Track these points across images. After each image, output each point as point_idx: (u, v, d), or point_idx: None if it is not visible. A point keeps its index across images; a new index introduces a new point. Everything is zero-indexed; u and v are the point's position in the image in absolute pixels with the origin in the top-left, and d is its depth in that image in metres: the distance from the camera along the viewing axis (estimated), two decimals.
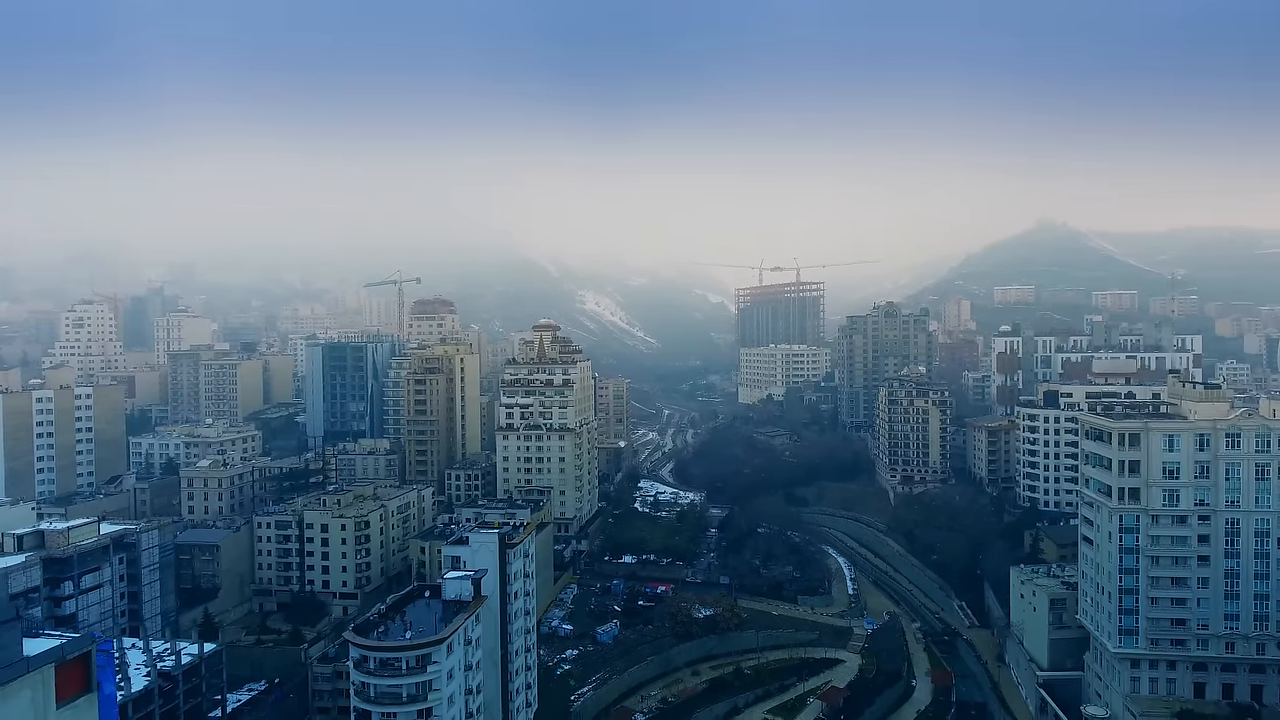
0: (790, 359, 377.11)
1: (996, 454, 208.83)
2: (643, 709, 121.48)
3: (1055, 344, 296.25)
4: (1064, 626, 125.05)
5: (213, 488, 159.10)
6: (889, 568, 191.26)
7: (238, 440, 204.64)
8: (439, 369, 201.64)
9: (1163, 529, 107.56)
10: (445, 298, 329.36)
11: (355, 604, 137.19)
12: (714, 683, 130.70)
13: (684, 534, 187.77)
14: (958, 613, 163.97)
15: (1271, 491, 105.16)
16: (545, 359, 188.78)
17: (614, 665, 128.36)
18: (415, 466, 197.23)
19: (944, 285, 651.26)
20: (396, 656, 75.07)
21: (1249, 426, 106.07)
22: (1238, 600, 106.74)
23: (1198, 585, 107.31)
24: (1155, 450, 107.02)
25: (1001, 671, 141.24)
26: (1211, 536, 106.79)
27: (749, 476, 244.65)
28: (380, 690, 75.23)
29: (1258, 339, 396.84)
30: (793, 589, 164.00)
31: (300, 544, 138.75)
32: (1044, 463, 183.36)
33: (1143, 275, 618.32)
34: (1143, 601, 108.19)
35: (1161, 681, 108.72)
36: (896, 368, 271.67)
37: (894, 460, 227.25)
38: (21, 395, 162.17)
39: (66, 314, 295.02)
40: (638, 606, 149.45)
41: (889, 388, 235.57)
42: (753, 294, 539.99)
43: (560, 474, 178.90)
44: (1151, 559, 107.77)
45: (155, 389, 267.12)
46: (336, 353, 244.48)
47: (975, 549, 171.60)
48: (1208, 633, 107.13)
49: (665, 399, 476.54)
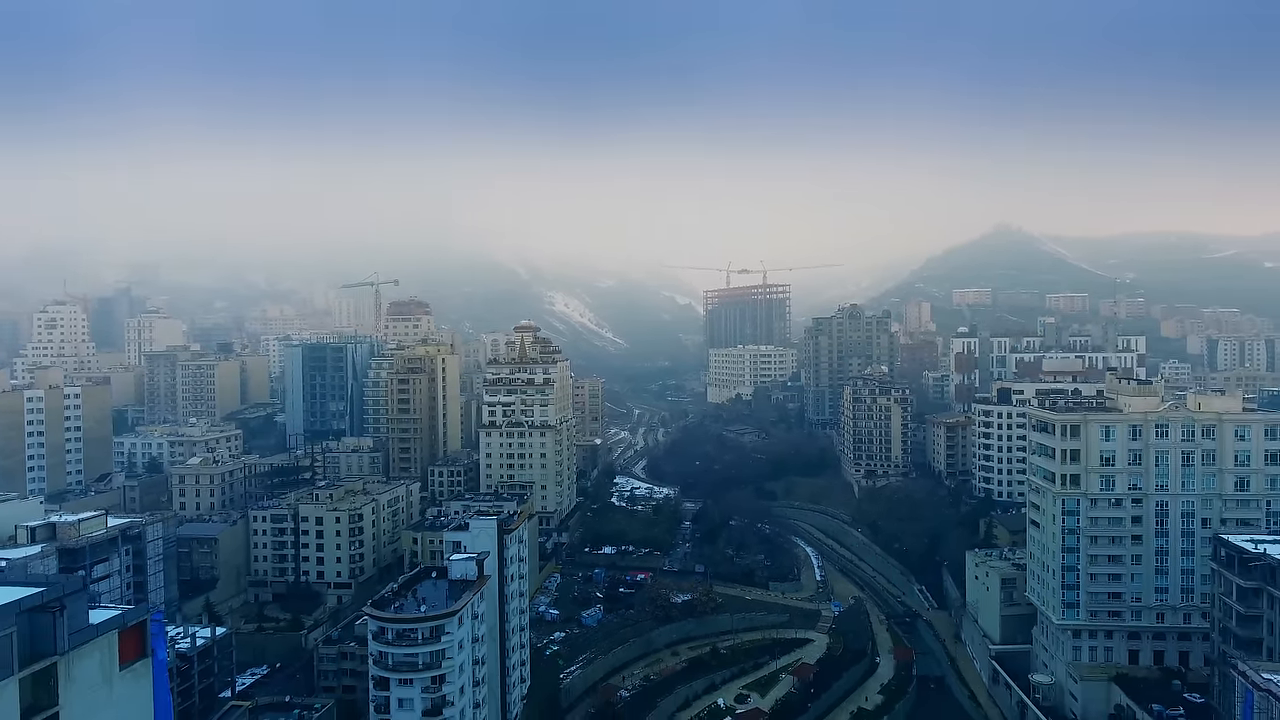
0: (758, 359, 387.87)
1: (954, 448, 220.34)
2: (627, 686, 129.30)
3: (1010, 344, 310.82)
4: (1014, 604, 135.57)
5: (204, 484, 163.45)
6: (854, 556, 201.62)
7: (220, 439, 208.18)
8: (422, 369, 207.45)
9: (1100, 511, 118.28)
10: (420, 299, 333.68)
11: (349, 593, 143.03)
12: (693, 662, 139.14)
13: (660, 526, 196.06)
14: (918, 596, 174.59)
15: (1196, 476, 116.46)
16: (527, 359, 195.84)
17: (599, 646, 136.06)
18: (399, 463, 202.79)
19: (905, 288, 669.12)
20: (413, 628, 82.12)
21: (1176, 418, 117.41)
22: (1167, 575, 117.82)
23: (1132, 562, 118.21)
24: (1093, 440, 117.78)
25: (958, 648, 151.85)
26: (1144, 518, 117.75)
27: (720, 472, 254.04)
28: (397, 659, 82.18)
29: (1199, 340, 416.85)
30: (764, 576, 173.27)
31: (295, 536, 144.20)
32: (998, 456, 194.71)
33: (1094, 278, 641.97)
34: (1083, 578, 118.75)
35: (1100, 650, 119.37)
36: (860, 367, 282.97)
37: (858, 455, 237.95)
38: (13, 395, 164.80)
39: (38, 315, 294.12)
40: (619, 593, 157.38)
41: (853, 386, 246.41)
42: (721, 296, 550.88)
43: (542, 469, 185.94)
44: (1091, 539, 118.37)
45: (130, 389, 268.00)
46: (316, 353, 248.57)
47: (934, 537, 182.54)
48: (1141, 605, 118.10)
49: (635, 399, 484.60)
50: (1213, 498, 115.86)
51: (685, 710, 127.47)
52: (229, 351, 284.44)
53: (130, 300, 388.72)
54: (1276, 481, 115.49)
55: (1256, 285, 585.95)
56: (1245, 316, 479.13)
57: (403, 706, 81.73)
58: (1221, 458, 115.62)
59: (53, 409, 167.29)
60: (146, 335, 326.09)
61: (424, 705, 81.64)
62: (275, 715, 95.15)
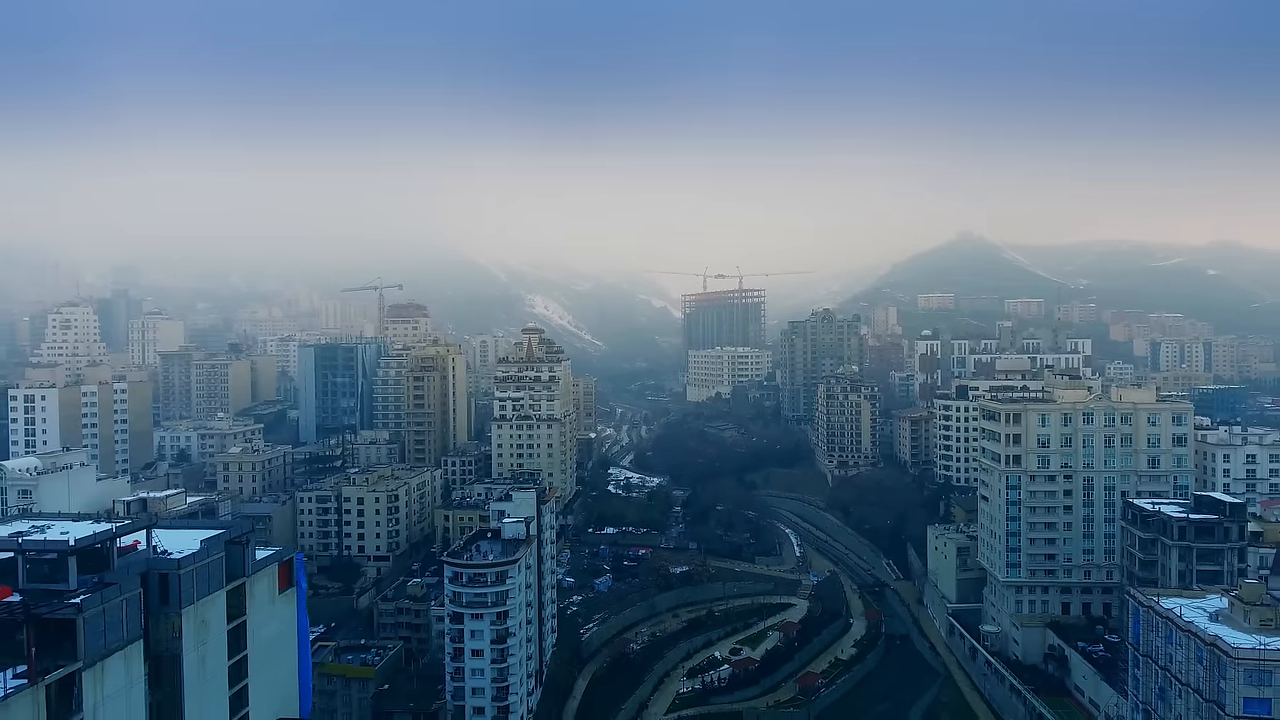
0: (736, 360, 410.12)
1: (918, 440, 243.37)
2: (637, 641, 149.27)
3: (969, 346, 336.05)
4: (968, 569, 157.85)
5: (246, 470, 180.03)
6: (829, 537, 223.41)
7: (242, 433, 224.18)
8: (434, 367, 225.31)
9: (1038, 486, 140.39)
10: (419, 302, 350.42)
11: (387, 565, 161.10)
12: (691, 622, 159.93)
13: (654, 510, 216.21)
14: (886, 569, 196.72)
15: (1116, 456, 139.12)
16: (534, 358, 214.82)
17: (611, 609, 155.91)
18: (414, 454, 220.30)
19: (873, 293, 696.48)
20: (483, 572, 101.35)
21: (1099, 407, 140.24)
22: (1093, 539, 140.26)
23: (1064, 529, 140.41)
24: (1032, 426, 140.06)
25: (921, 610, 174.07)
26: (1073, 491, 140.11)
27: (703, 464, 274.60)
28: (470, 598, 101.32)
29: (1144, 343, 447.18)
30: (750, 551, 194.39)
31: (338, 515, 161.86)
32: (957, 446, 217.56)
33: (1050, 285, 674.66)
34: (1024, 542, 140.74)
35: (1038, 603, 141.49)
36: (833, 367, 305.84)
37: (831, 448, 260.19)
38: (71, 390, 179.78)
39: (53, 316, 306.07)
40: (623, 566, 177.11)
41: (827, 385, 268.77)
42: (698, 300, 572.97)
43: (548, 458, 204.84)
44: (1030, 509, 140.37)
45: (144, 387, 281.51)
46: (329, 353, 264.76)
47: (900, 518, 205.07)
48: (1071, 564, 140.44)
49: (616, 398, 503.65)
50: (1130, 474, 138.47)
51: (687, 661, 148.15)
52: (239, 352, 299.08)
53: (128, 302, 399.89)
54: (1182, 460, 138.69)
55: (1200, 292, 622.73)
56: (1188, 321, 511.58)
57: (475, 637, 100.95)
58: (1136, 440, 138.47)
59: (104, 402, 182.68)
60: (150, 336, 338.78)
61: (492, 635, 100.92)
62: (356, 654, 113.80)
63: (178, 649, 66.99)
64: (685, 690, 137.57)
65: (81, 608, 57.04)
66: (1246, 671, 77.71)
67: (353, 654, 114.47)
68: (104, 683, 58.59)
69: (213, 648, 71.31)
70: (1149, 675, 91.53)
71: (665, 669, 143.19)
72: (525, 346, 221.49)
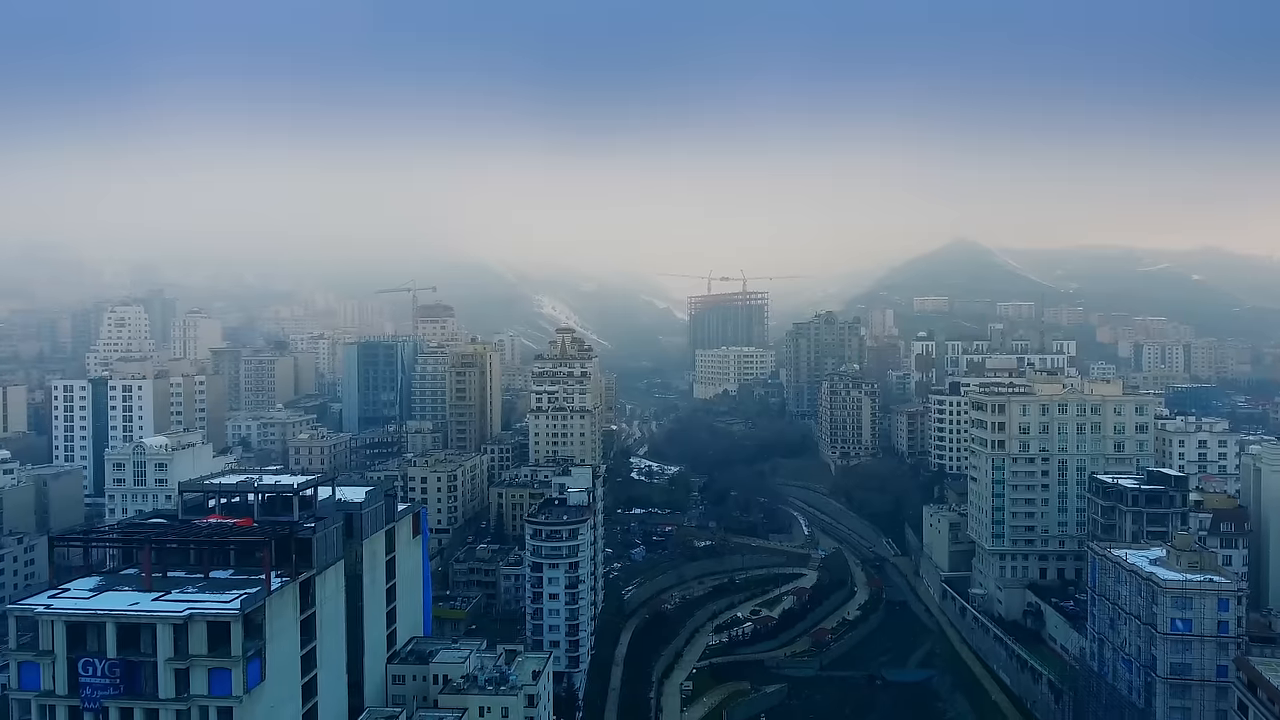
0: (741, 359, 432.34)
1: (914, 433, 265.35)
2: (670, 603, 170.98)
3: (962, 347, 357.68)
4: (959, 542, 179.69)
5: (315, 454, 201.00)
6: (833, 519, 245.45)
7: (298, 422, 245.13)
8: (474, 364, 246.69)
9: (1019, 467, 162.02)
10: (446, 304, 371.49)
11: (448, 536, 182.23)
12: (716, 588, 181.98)
13: (676, 493, 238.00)
14: (885, 547, 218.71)
15: (1086, 441, 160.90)
16: (567, 355, 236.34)
17: (645, 575, 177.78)
18: (456, 442, 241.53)
19: (870, 296, 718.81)
20: (559, 529, 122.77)
21: (1073, 399, 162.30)
22: (1066, 513, 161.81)
23: (1041, 504, 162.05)
24: (1014, 415, 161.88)
25: (917, 581, 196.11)
26: (1050, 472, 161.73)
27: (715, 455, 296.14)
28: (547, 550, 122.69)
29: (1129, 345, 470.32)
30: (764, 530, 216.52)
31: (404, 493, 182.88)
32: (950, 437, 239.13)
33: (1041, 288, 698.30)
34: (1007, 516, 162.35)
35: (1019, 568, 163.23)
36: (835, 366, 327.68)
37: (834, 440, 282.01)
38: (161, 381, 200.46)
39: (109, 314, 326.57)
40: (652, 540, 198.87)
41: (830, 382, 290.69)
42: (703, 301, 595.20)
43: (580, 446, 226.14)
44: (1012, 487, 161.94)
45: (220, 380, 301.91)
46: (370, 351, 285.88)
47: (898, 503, 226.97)
48: (1048, 535, 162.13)
49: (625, 395, 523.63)
50: (1098, 456, 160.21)
51: (714, 620, 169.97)
52: (283, 350, 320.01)
53: (163, 302, 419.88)
54: (1143, 444, 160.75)
55: (1185, 296, 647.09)
56: (1171, 324, 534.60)
57: (551, 583, 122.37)
58: (1104, 427, 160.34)
59: (188, 393, 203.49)
60: (192, 333, 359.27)
61: (565, 581, 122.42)
62: (443, 603, 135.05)
63: (359, 570, 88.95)
64: (714, 642, 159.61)
65: (314, 530, 78.71)
66: (1174, 599, 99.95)
67: (441, 602, 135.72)
68: (326, 587, 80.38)
69: (378, 573, 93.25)
70: (1102, 610, 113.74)
71: (696, 625, 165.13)
72: (559, 345, 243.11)
